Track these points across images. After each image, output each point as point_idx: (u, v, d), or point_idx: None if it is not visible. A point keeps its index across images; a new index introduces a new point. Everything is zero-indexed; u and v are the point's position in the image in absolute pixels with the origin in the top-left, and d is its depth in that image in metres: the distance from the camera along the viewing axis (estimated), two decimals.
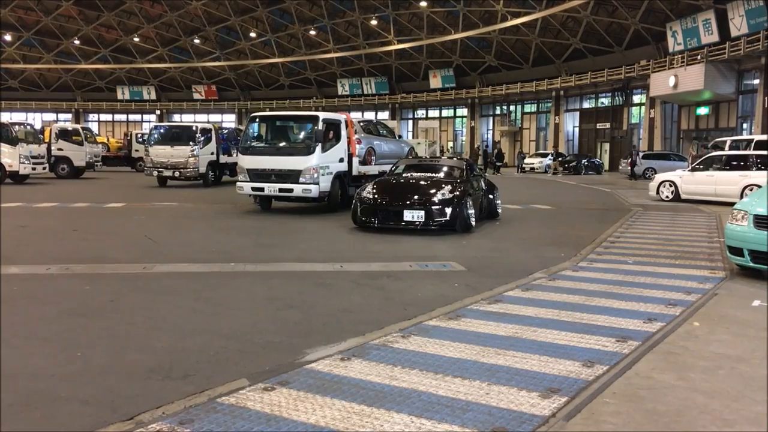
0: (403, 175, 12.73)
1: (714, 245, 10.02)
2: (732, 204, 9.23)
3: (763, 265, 7.32)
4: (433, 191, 11.27)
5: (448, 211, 10.89)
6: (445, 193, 11.10)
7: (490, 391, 3.94)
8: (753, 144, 20.83)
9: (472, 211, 11.37)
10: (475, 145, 49.58)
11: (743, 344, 5.05)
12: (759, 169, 16.79)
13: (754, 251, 7.30)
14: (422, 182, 11.90)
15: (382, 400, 3.78)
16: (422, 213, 10.86)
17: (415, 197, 11.19)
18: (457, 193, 11.14)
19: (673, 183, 18.80)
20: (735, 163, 17.78)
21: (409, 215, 10.89)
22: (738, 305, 6.34)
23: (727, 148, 21.23)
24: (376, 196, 11.38)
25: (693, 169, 18.65)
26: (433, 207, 10.92)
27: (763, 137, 22.50)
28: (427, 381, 4.09)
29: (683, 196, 18.36)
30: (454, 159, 17.73)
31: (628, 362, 4.51)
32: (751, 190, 15.04)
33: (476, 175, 13.47)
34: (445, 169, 13.08)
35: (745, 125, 34.02)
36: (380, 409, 3.64)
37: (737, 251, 7.57)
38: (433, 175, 12.57)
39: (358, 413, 3.58)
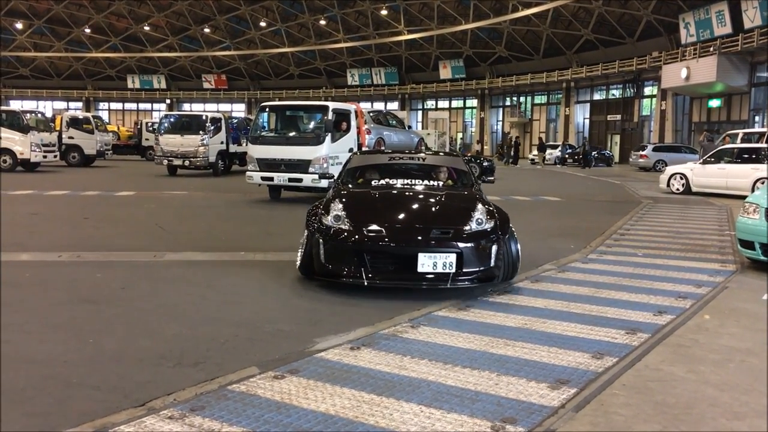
0: (374, 182, 7.55)
1: (725, 238, 9.97)
2: (743, 197, 9.18)
3: None
4: (457, 214, 6.48)
5: (493, 250, 6.13)
6: (481, 218, 6.30)
7: (499, 381, 3.95)
8: (765, 137, 20.69)
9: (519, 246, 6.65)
10: (508, 137, 48.39)
11: (753, 337, 5.03)
12: None
13: (766, 245, 7.26)
14: (427, 198, 7.09)
15: (392, 389, 3.79)
16: (451, 257, 5.91)
17: (433, 226, 6.22)
18: (498, 216, 6.49)
19: (683, 175, 18.70)
20: (746, 155, 17.67)
21: (427, 261, 5.88)
22: (749, 298, 6.32)
23: (739, 140, 21.09)
24: (357, 224, 6.21)
25: (704, 162, 18.54)
26: (468, 244, 6.06)
27: None
28: (437, 371, 4.10)
29: (694, 189, 18.26)
30: (441, 154, 11.31)
31: (638, 354, 4.51)
32: (763, 183, 14.94)
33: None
34: (440, 173, 7.94)
35: (757, 118, 33.76)
36: (390, 398, 3.66)
37: (748, 244, 7.53)
38: (427, 182, 7.57)
39: (367, 402, 3.60)
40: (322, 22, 58.96)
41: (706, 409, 3.65)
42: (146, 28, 65.07)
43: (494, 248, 6.15)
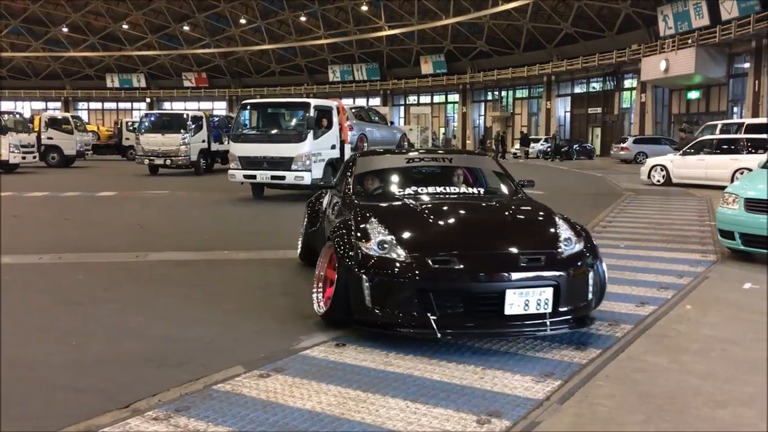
0: (398, 191, 6.00)
1: (705, 229, 10.07)
2: (723, 188, 9.27)
3: (754, 248, 7.37)
4: (537, 234, 5.12)
5: (590, 278, 4.76)
6: (569, 236, 4.94)
7: (484, 375, 3.97)
8: (744, 127, 20.90)
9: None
10: (494, 131, 48.71)
11: (735, 327, 5.09)
12: (749, 152, 16.85)
13: (745, 234, 7.35)
14: (488, 211, 5.65)
15: (378, 385, 3.80)
16: (546, 292, 4.50)
17: (519, 252, 4.71)
18: (584, 233, 5.17)
19: (664, 167, 18.85)
20: (726, 146, 17.84)
21: (517, 299, 4.43)
22: (729, 288, 6.39)
23: (717, 131, 21.29)
24: (413, 251, 4.61)
25: (684, 153, 18.70)
26: (563, 273, 4.60)
27: (754, 120, 22.57)
28: (422, 366, 4.11)
29: (674, 180, 18.42)
30: (465, 152, 10.20)
31: (621, 345, 4.54)
32: (742, 173, 15.10)
33: None
34: (473, 177, 6.76)
35: (735, 109, 34.11)
36: (376, 394, 3.67)
37: (728, 234, 7.61)
38: (465, 190, 6.15)
39: (353, 399, 3.61)
40: (303, 19, 58.73)
41: (689, 399, 3.69)
42: (125, 26, 64.43)
43: (591, 276, 4.75)
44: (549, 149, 38.89)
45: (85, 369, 4.15)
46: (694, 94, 37.09)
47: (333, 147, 14.47)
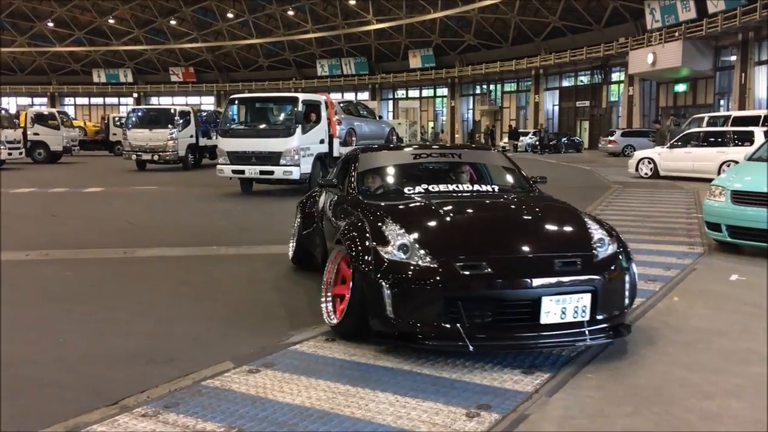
0: (406, 189, 5.48)
1: (692, 221, 10.13)
2: (710, 180, 9.32)
3: (740, 240, 7.43)
4: (569, 235, 4.74)
5: (626, 282, 4.43)
6: (603, 237, 4.56)
7: (473, 369, 3.97)
8: (730, 120, 21.01)
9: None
10: (484, 125, 48.88)
11: (722, 318, 5.13)
12: (736, 145, 16.95)
13: (732, 226, 7.40)
14: (512, 210, 5.20)
15: (367, 380, 3.80)
16: (585, 299, 4.16)
17: (553, 255, 4.35)
18: (615, 233, 4.72)
19: (651, 160, 18.94)
20: (712, 139, 17.94)
21: (553, 307, 4.09)
22: (716, 280, 6.44)
23: (704, 124, 21.40)
24: (438, 255, 4.22)
25: (671, 146, 18.79)
26: (600, 277, 4.26)
27: (741, 113, 22.70)
28: (412, 360, 4.11)
29: (662, 173, 18.50)
30: (473, 147, 9.99)
31: None
32: (729, 166, 15.19)
33: None
34: (486, 173, 6.42)
35: (722, 102, 34.28)
36: (365, 388, 3.67)
37: (715, 226, 7.67)
38: (479, 187, 5.73)
39: (343, 393, 3.61)
40: (291, 13, 58.51)
41: (677, 390, 3.72)
42: (111, 21, 64.00)
43: (627, 279, 4.41)
44: (537, 143, 38.99)
45: (72, 366, 4.13)
46: (681, 87, 37.25)
47: (322, 141, 14.44)
